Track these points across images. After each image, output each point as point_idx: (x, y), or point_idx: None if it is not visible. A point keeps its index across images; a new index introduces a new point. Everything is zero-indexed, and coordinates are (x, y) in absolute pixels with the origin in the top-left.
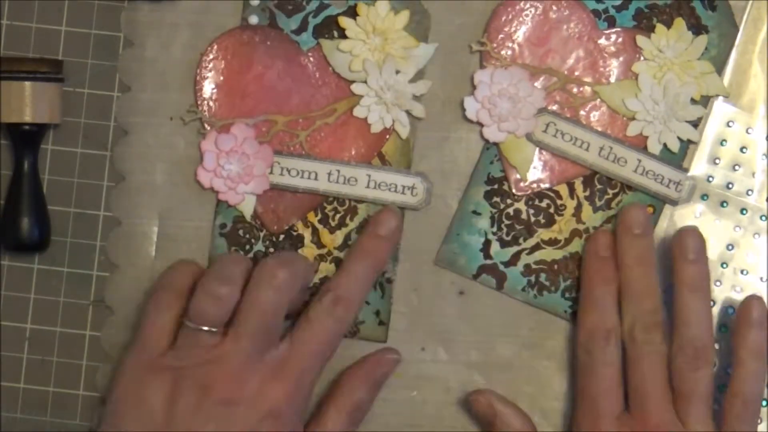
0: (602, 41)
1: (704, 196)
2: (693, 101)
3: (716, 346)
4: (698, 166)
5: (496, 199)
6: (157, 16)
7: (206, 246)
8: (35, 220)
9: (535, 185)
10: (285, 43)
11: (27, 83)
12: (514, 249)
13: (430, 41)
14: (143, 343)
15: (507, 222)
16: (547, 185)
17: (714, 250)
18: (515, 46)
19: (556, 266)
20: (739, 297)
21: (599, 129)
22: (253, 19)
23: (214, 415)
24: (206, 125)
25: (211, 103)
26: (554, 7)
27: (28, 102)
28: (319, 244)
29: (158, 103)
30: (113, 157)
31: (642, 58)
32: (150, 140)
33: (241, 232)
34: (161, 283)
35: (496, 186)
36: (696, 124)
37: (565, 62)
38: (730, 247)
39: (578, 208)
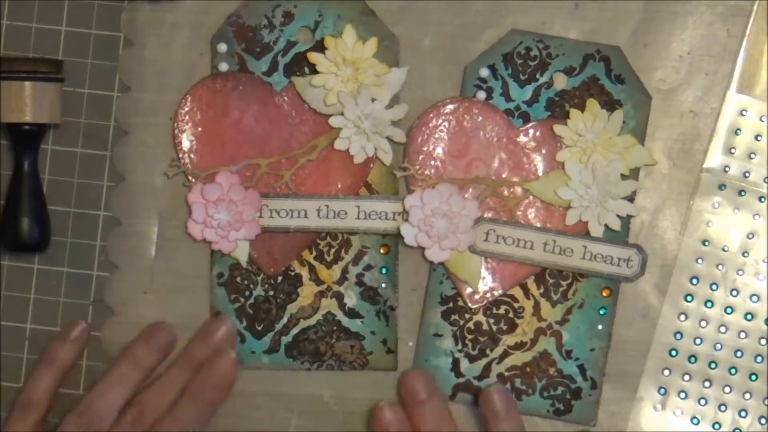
0: (521, 138)
1: (722, 187)
2: (623, 176)
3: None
4: (714, 157)
5: (455, 316)
6: (157, 16)
7: (207, 282)
8: (35, 220)
9: (489, 295)
10: (257, 85)
11: (27, 83)
12: (483, 361)
13: (427, 38)
14: None
15: (470, 336)
16: (500, 292)
17: (735, 240)
18: (437, 163)
19: (528, 369)
20: (762, 285)
21: (538, 225)
22: (223, 66)
23: None
24: (190, 178)
25: (192, 155)
26: (467, 117)
27: (28, 102)
28: (318, 281)
29: (158, 103)
30: (113, 157)
31: (564, 146)
32: (150, 140)
33: (239, 279)
34: (23, 389)
35: (451, 304)
36: (631, 198)
37: (490, 167)
38: (750, 236)
39: (536, 306)
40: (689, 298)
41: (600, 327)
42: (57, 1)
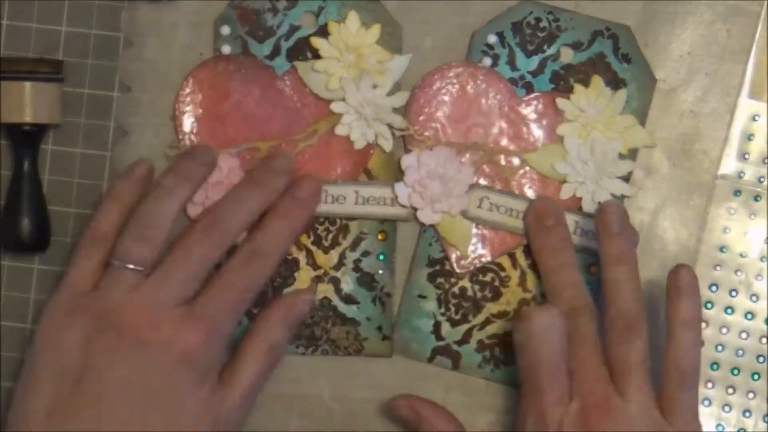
0: (523, 109)
1: (737, 193)
2: (621, 156)
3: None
4: (728, 163)
5: (440, 279)
6: (157, 16)
7: None
8: (35, 220)
9: (476, 261)
10: (260, 69)
11: (27, 83)
12: (465, 327)
13: (427, 38)
14: (67, 285)
15: (454, 301)
16: (488, 259)
17: (753, 246)
18: (437, 125)
19: (509, 338)
20: (762, 285)
21: (532, 196)
22: (226, 49)
23: (127, 357)
24: None
25: (192, 137)
26: (471, 82)
27: (28, 102)
28: (315, 266)
29: (158, 103)
30: (113, 157)
31: (565, 120)
32: (150, 140)
33: None
34: (89, 227)
35: (438, 267)
36: (627, 178)
37: (489, 134)
38: None
39: (522, 277)
40: None
41: None
42: (57, 1)
